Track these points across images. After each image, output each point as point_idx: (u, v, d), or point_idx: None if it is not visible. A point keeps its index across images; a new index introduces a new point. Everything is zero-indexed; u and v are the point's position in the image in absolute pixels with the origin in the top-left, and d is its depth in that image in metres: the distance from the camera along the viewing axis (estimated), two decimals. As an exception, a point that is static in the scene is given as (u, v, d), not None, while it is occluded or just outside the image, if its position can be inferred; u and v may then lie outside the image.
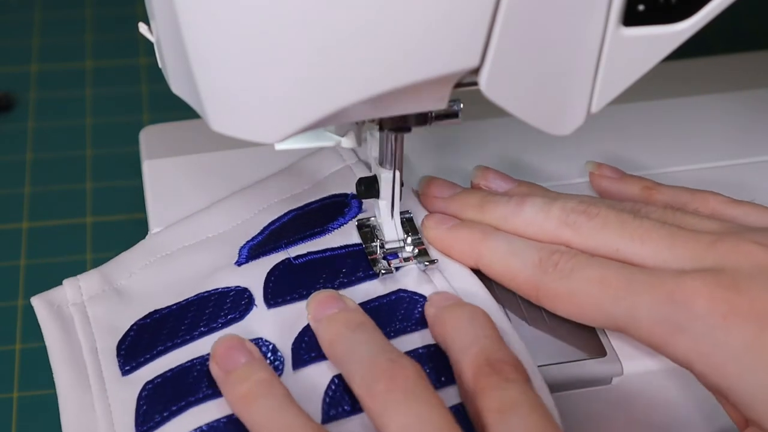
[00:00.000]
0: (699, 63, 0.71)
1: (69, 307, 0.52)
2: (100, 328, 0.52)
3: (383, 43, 0.44)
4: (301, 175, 0.60)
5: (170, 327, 0.51)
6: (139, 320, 0.52)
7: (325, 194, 0.59)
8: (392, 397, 0.46)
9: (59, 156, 0.78)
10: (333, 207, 0.58)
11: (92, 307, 0.52)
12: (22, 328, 0.67)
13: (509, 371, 0.47)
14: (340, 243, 0.56)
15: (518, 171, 0.62)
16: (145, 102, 0.82)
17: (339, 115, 0.46)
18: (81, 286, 0.53)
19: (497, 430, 0.45)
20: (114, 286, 0.53)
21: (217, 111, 0.47)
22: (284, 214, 0.57)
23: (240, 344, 0.50)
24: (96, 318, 0.52)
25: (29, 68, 0.85)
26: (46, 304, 0.53)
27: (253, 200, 0.58)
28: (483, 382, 0.47)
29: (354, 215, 0.57)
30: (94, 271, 0.54)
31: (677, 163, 0.63)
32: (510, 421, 0.45)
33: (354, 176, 0.59)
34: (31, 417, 0.63)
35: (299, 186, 0.59)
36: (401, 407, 0.45)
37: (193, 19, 0.45)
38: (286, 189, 0.59)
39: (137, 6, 0.90)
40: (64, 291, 0.53)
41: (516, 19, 0.45)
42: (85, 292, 0.53)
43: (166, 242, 0.56)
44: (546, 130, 0.49)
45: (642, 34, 0.47)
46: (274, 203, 0.58)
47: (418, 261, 0.55)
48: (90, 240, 0.72)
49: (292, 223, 0.57)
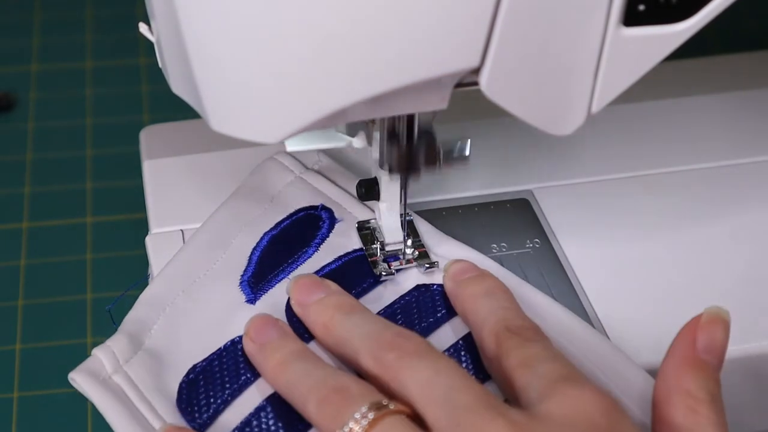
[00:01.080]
0: (699, 63, 0.71)
1: (113, 377, 0.51)
2: (150, 392, 0.51)
3: (383, 43, 0.44)
4: (254, 194, 0.59)
5: (219, 379, 0.51)
6: (184, 378, 0.51)
7: (290, 209, 0.58)
8: (405, 362, 0.46)
9: (59, 156, 0.78)
10: (306, 221, 0.57)
11: (132, 371, 0.51)
12: (22, 328, 0.67)
13: (530, 334, 0.48)
14: (333, 256, 0.56)
15: (518, 171, 0.62)
16: (145, 102, 0.82)
17: (339, 115, 0.46)
18: (115, 352, 0.52)
19: (524, 382, 0.46)
20: (143, 347, 0.52)
21: (217, 111, 0.47)
22: (261, 238, 0.57)
23: (273, 321, 0.51)
24: (142, 382, 0.51)
25: (29, 68, 0.85)
26: (90, 378, 0.51)
27: (225, 231, 0.57)
28: (505, 344, 0.48)
29: (330, 225, 0.57)
30: (119, 335, 0.53)
31: (677, 163, 0.63)
32: (535, 372, 0.46)
33: (308, 186, 0.59)
34: (31, 417, 0.63)
35: (259, 206, 0.58)
36: (417, 366, 0.46)
37: (193, 18, 0.45)
38: (248, 211, 0.58)
39: (137, 6, 0.90)
40: (99, 360, 0.51)
41: (516, 19, 0.45)
42: (121, 357, 0.52)
43: (164, 294, 0.55)
44: (546, 130, 0.49)
45: (642, 34, 0.47)
46: (245, 230, 0.57)
47: (419, 264, 0.55)
48: (90, 240, 0.72)
49: (273, 246, 0.56)
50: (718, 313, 0.49)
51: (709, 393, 0.47)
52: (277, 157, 0.61)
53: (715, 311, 0.49)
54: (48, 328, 0.68)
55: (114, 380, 0.51)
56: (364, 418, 0.45)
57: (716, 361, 0.48)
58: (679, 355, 0.48)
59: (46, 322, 0.68)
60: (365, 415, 0.45)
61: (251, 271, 0.55)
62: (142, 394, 0.50)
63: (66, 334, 0.67)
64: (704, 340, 0.48)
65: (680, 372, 0.48)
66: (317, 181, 0.59)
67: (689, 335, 0.49)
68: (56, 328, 0.68)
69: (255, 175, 0.60)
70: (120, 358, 0.51)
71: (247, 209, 0.58)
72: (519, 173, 0.62)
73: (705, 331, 0.49)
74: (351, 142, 0.54)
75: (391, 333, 0.48)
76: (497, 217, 0.60)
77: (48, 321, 0.68)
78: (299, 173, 0.60)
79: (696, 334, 0.49)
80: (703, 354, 0.48)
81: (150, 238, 0.59)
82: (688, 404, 0.47)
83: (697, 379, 0.47)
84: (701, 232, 0.60)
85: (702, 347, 0.48)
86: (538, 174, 0.62)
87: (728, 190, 0.62)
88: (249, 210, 0.58)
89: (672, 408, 0.47)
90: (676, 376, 0.48)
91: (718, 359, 0.48)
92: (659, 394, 0.48)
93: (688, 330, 0.49)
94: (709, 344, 0.48)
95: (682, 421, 0.47)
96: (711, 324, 0.49)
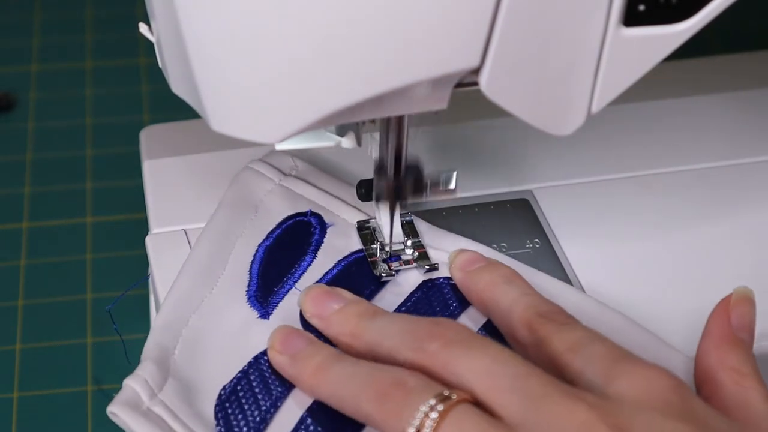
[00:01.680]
0: (699, 63, 0.71)
1: (153, 408, 0.51)
2: (189, 418, 0.50)
3: (383, 43, 0.44)
4: (239, 206, 0.58)
5: (251, 397, 0.50)
6: (217, 402, 0.51)
7: (278, 218, 0.58)
8: (453, 351, 0.46)
9: (59, 156, 0.78)
10: (297, 228, 0.57)
11: (168, 399, 0.51)
12: (22, 328, 0.67)
13: (562, 318, 0.49)
14: (332, 260, 0.56)
15: (518, 171, 0.62)
16: (145, 102, 0.82)
17: (339, 115, 0.46)
18: (147, 380, 0.51)
19: (577, 365, 0.46)
20: (170, 373, 0.52)
21: (217, 111, 0.47)
22: (257, 251, 0.56)
23: (297, 331, 0.51)
24: (179, 409, 0.51)
25: (29, 68, 0.85)
26: (131, 411, 0.50)
27: (220, 247, 0.57)
28: (542, 331, 0.48)
29: (322, 230, 0.57)
30: (146, 363, 0.52)
31: (677, 163, 0.63)
32: (586, 353, 0.46)
33: (289, 192, 0.59)
34: (31, 417, 0.63)
35: (246, 217, 0.58)
36: (469, 354, 0.45)
37: (193, 18, 0.45)
38: (237, 225, 0.57)
39: (137, 6, 0.90)
40: (134, 391, 0.50)
41: (516, 19, 0.45)
42: (154, 385, 0.51)
43: (177, 317, 0.54)
44: (546, 130, 0.49)
45: (642, 34, 0.47)
46: (239, 244, 0.57)
47: (419, 265, 0.55)
48: (90, 240, 0.72)
49: (271, 257, 0.56)
50: (745, 292, 0.50)
51: (752, 367, 0.48)
52: (253, 165, 0.60)
53: (743, 291, 0.50)
54: (48, 328, 0.68)
55: (154, 411, 0.50)
56: (434, 411, 0.44)
57: (750, 338, 0.49)
58: (717, 333, 0.49)
59: (46, 322, 0.68)
60: (434, 407, 0.44)
61: (255, 286, 0.55)
62: (183, 422, 0.50)
63: (66, 334, 0.67)
64: (737, 318, 0.49)
65: (721, 350, 0.48)
66: (298, 186, 0.59)
67: (723, 315, 0.50)
68: (56, 328, 0.68)
69: (234, 187, 0.59)
70: (153, 386, 0.50)
71: (235, 223, 0.58)
72: (519, 173, 0.62)
73: (737, 310, 0.50)
74: (340, 142, 0.53)
75: (426, 324, 0.48)
76: (497, 217, 0.60)
77: (48, 321, 0.68)
78: (278, 180, 0.59)
79: (729, 314, 0.49)
80: (738, 332, 0.49)
81: (150, 238, 0.59)
82: (736, 379, 0.47)
83: (739, 355, 0.48)
84: (701, 232, 0.60)
85: (736, 325, 0.49)
86: (538, 174, 0.62)
87: (728, 190, 0.62)
88: (237, 223, 0.58)
89: (719, 385, 0.47)
90: (718, 354, 0.48)
91: (750, 336, 0.49)
92: (702, 373, 0.48)
93: (721, 310, 0.50)
94: (741, 322, 0.49)
95: (733, 395, 0.47)
96: (741, 303, 0.50)
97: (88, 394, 0.65)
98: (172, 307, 0.54)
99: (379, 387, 0.45)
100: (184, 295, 0.54)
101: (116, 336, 0.63)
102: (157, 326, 0.53)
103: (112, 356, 0.66)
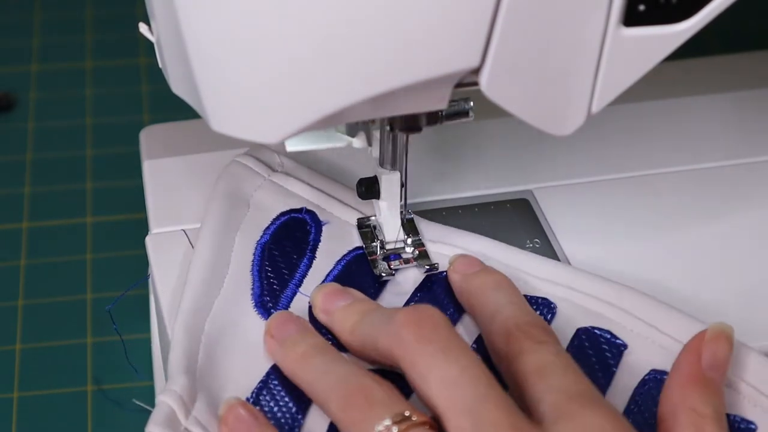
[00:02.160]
0: (699, 63, 0.71)
1: (190, 428, 0.50)
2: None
3: (383, 43, 0.44)
4: (231, 201, 0.58)
5: (275, 406, 0.50)
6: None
7: (271, 214, 0.57)
8: (426, 347, 0.46)
9: (59, 156, 0.78)
10: (293, 225, 0.57)
11: (201, 417, 0.51)
12: (22, 328, 0.67)
13: (540, 334, 0.48)
14: (331, 260, 0.56)
15: (518, 171, 0.62)
16: (145, 102, 0.82)
17: (339, 116, 0.46)
18: (182, 396, 0.50)
19: (536, 391, 0.46)
20: (198, 386, 0.51)
21: (217, 111, 0.47)
22: (255, 249, 0.56)
23: (293, 317, 0.51)
24: (210, 425, 0.50)
25: (29, 68, 0.85)
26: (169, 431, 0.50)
27: (221, 245, 0.56)
28: (516, 347, 0.48)
29: (318, 229, 0.57)
30: (178, 376, 0.51)
31: (677, 163, 0.63)
32: (549, 382, 0.46)
33: (280, 188, 0.58)
34: (31, 417, 0.63)
35: (240, 212, 0.57)
36: (442, 357, 0.46)
37: (193, 18, 0.45)
38: (232, 219, 0.57)
39: (137, 6, 0.90)
40: (170, 408, 0.49)
41: (516, 19, 0.45)
42: (188, 400, 0.50)
43: (194, 324, 0.53)
44: (546, 130, 0.49)
45: (642, 34, 0.47)
46: (238, 240, 0.56)
47: (419, 264, 0.55)
48: (90, 240, 0.72)
49: (269, 255, 0.56)
50: (722, 329, 0.49)
51: (715, 410, 0.47)
52: (240, 159, 0.60)
53: (719, 327, 0.49)
54: (48, 328, 0.68)
55: (193, 430, 0.49)
56: (392, 429, 0.44)
57: (720, 378, 0.48)
58: (685, 372, 0.48)
59: (46, 322, 0.68)
60: (389, 429, 0.44)
61: (258, 290, 0.54)
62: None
63: (66, 334, 0.67)
64: (709, 357, 0.49)
65: (686, 389, 0.48)
66: (288, 182, 0.59)
67: (694, 352, 0.49)
68: (56, 328, 0.68)
69: (224, 180, 0.59)
70: (187, 401, 0.50)
71: (231, 217, 0.57)
72: (519, 173, 0.62)
73: (709, 347, 0.49)
74: (351, 142, 0.54)
75: (406, 310, 0.48)
76: (497, 217, 0.60)
77: (48, 321, 0.68)
78: (267, 176, 0.59)
79: (701, 351, 0.49)
80: (708, 371, 0.48)
81: (150, 238, 0.59)
82: (695, 421, 0.47)
83: (702, 395, 0.47)
84: (701, 232, 0.60)
85: (707, 364, 0.48)
86: (538, 174, 0.62)
87: (728, 190, 0.62)
88: (233, 217, 0.57)
89: (678, 426, 0.47)
90: (682, 393, 0.48)
91: (722, 375, 0.49)
92: (664, 410, 0.48)
93: (692, 346, 0.49)
94: (713, 361, 0.48)
95: None
96: (716, 340, 0.49)
97: (88, 394, 0.65)
98: (190, 312, 0.53)
99: (348, 392, 0.46)
100: (199, 296, 0.54)
101: (116, 336, 0.63)
102: (180, 332, 0.52)
103: (112, 356, 0.66)
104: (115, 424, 0.64)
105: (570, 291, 0.54)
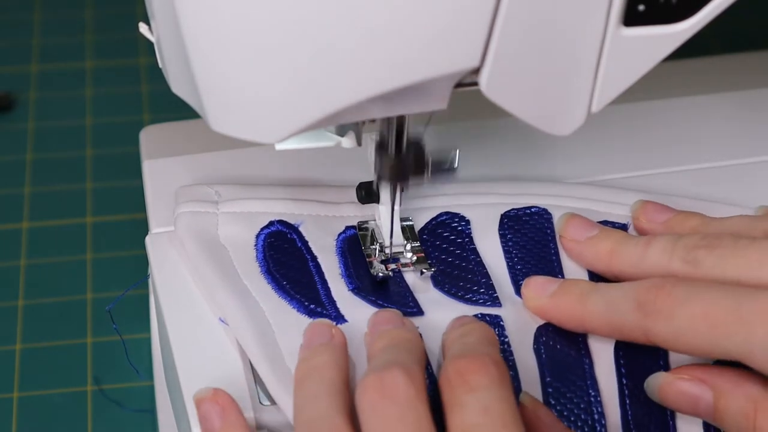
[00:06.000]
0: (699, 63, 0.71)
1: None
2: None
3: (383, 44, 0.44)
4: (210, 250, 0.56)
5: None
6: None
7: (249, 244, 0.56)
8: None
9: (59, 156, 0.78)
10: (276, 241, 0.56)
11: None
12: (22, 328, 0.67)
13: (474, 378, 0.46)
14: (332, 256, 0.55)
15: (518, 172, 0.62)
16: (145, 102, 0.83)
17: (339, 116, 0.46)
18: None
19: None
20: None
21: (217, 111, 0.47)
22: (266, 279, 0.55)
23: (325, 328, 0.51)
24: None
25: (29, 68, 0.86)
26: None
27: (243, 298, 0.54)
28: (447, 395, 0.46)
29: (297, 232, 0.56)
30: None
31: (677, 163, 0.63)
32: None
33: (234, 215, 0.57)
34: (31, 417, 0.63)
35: (223, 255, 0.56)
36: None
37: (193, 18, 0.45)
38: (227, 269, 0.55)
39: (137, 6, 0.91)
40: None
41: (516, 19, 0.45)
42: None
43: (274, 356, 0.52)
44: (546, 130, 0.49)
45: (642, 34, 0.47)
46: (245, 284, 0.55)
47: (416, 268, 0.55)
48: (90, 240, 0.72)
49: (281, 276, 0.55)
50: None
51: None
52: (182, 209, 0.57)
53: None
54: (48, 328, 0.68)
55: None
56: None
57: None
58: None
59: (46, 322, 0.68)
60: None
61: (299, 305, 0.53)
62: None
63: (66, 334, 0.67)
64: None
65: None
66: (237, 206, 0.57)
67: None
68: (56, 328, 0.68)
69: (183, 232, 0.57)
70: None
71: (223, 265, 0.55)
72: (519, 174, 0.62)
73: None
74: (340, 141, 0.53)
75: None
76: (497, 217, 0.60)
77: (48, 321, 0.68)
78: (217, 211, 0.57)
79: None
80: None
81: (150, 238, 0.59)
82: None
83: None
84: (701, 232, 0.60)
85: None
86: (538, 174, 0.62)
87: (728, 190, 0.62)
88: (224, 264, 0.55)
89: None
90: None
91: None
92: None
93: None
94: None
95: None
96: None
97: (88, 394, 0.65)
98: (268, 359, 0.51)
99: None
100: (264, 346, 0.52)
101: (116, 336, 0.63)
102: (264, 369, 0.51)
103: (112, 356, 0.66)
104: (115, 424, 0.64)
105: None
